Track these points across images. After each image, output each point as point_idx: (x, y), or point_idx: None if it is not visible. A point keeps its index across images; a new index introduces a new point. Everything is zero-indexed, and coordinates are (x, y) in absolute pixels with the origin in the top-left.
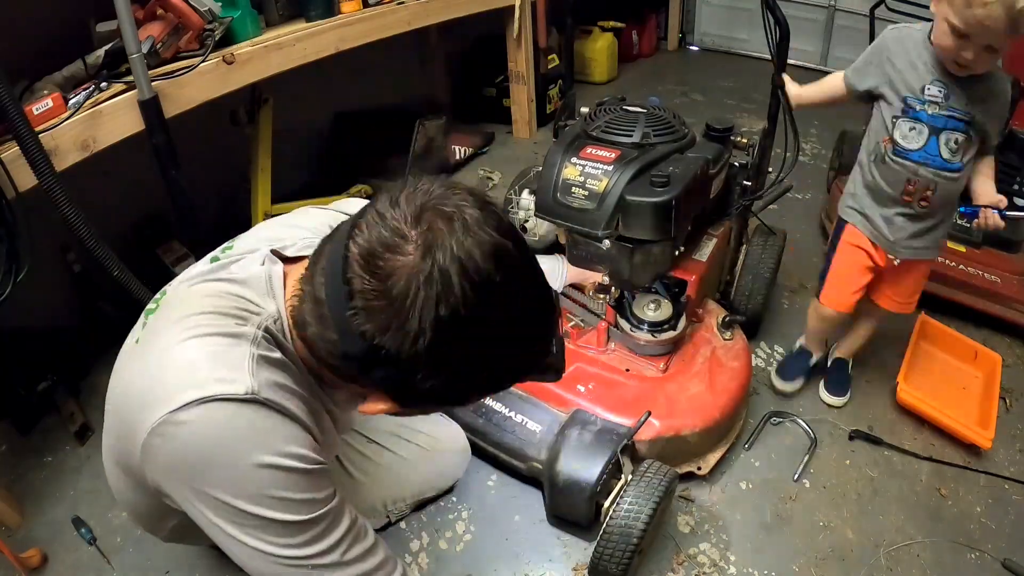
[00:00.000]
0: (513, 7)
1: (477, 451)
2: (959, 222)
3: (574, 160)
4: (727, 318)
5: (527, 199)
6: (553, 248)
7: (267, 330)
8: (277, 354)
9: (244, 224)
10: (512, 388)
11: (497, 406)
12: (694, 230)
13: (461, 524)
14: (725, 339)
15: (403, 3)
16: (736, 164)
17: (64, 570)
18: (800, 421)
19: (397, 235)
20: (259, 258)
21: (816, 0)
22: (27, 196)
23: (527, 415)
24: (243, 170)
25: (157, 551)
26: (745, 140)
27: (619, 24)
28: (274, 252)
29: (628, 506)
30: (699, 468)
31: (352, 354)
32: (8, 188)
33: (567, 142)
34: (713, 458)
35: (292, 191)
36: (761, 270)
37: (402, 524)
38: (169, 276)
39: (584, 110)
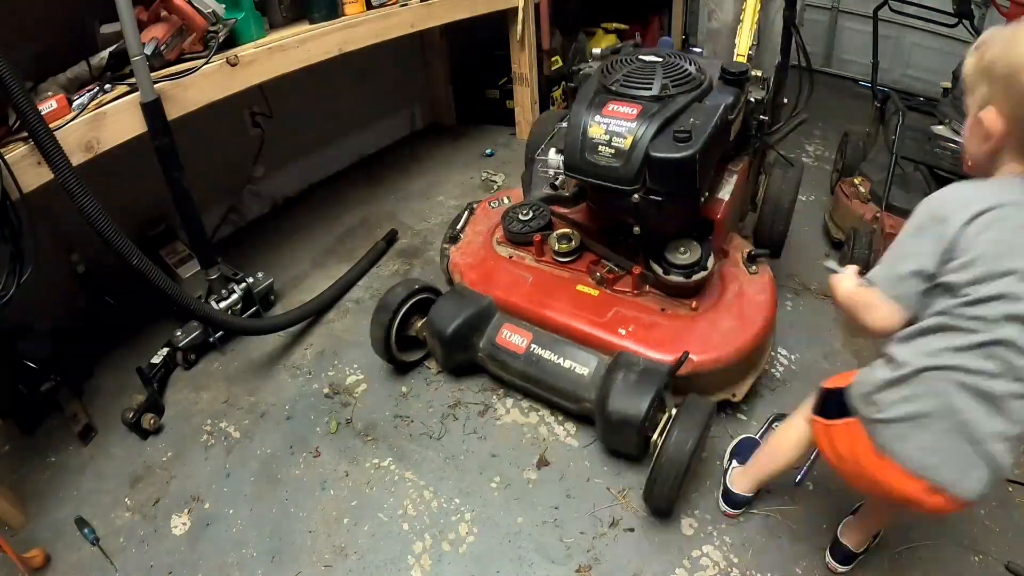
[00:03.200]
0: (516, 9)
1: (533, 397)
2: None
3: (598, 119)
4: (752, 253)
5: (555, 158)
6: (580, 196)
7: None
8: None
9: (250, 226)
10: (557, 335)
11: (547, 354)
12: (716, 171)
13: (464, 526)
14: (751, 273)
15: (407, 5)
16: (753, 100)
17: (67, 570)
18: None
19: None
20: None
21: (819, 1)
22: (31, 197)
23: (575, 360)
24: (246, 172)
25: (160, 552)
26: (760, 73)
27: (622, 26)
28: None
29: (675, 437)
30: (734, 395)
31: None
32: (12, 190)
33: (588, 99)
34: (745, 386)
35: (295, 192)
36: (782, 201)
37: (404, 526)
38: (173, 278)
39: (596, 51)
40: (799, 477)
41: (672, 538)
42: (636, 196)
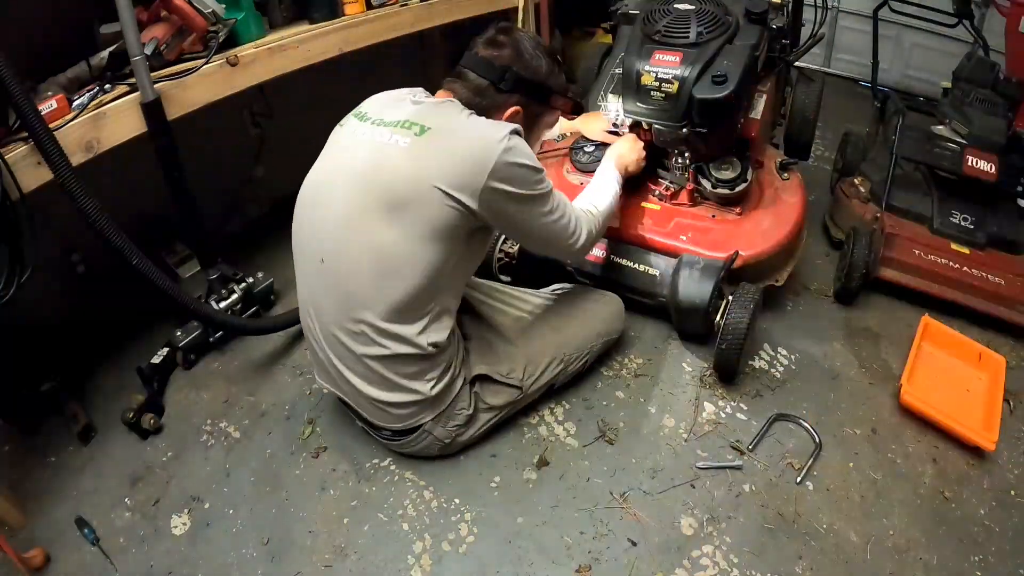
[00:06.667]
0: (516, 9)
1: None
2: None
3: (647, 68)
4: (783, 162)
5: (614, 104)
6: (634, 127)
7: None
8: None
9: (250, 226)
10: (631, 245)
11: (623, 261)
12: (748, 96)
13: (464, 526)
14: (783, 179)
15: (407, 5)
16: (775, 27)
17: (67, 570)
18: (804, 423)
19: (495, 42)
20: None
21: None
22: (31, 197)
23: (647, 264)
24: (247, 172)
25: (160, 552)
26: (779, 0)
27: None
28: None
29: (733, 316)
30: (776, 281)
31: (498, 85)
32: (12, 190)
33: (637, 48)
34: (785, 273)
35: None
36: (807, 112)
37: (404, 526)
38: (173, 278)
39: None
40: (800, 477)
41: (672, 538)
42: (685, 131)
